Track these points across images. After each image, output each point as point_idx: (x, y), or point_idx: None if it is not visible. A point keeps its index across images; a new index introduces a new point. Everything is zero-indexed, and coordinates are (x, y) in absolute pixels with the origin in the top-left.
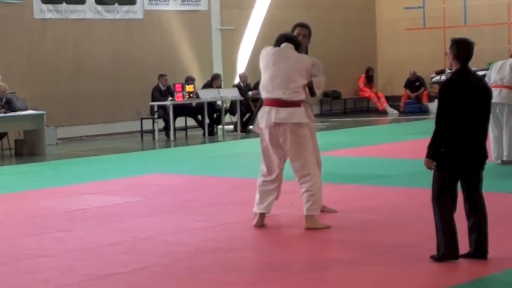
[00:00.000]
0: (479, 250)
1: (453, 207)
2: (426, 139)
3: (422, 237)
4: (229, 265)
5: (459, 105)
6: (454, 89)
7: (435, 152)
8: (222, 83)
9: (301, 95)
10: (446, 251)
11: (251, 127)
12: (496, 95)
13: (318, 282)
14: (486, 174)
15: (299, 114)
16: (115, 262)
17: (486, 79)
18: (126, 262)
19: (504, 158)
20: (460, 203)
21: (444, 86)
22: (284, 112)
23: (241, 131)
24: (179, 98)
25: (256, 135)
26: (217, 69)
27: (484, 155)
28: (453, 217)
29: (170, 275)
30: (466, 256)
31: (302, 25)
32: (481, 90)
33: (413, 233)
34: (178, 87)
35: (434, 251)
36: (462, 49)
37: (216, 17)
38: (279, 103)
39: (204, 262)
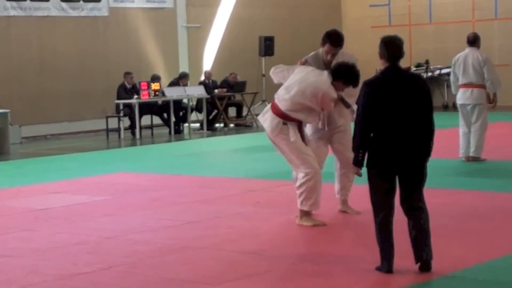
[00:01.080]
0: (421, 263)
1: (389, 215)
2: None
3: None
4: (195, 264)
5: (384, 104)
6: (378, 88)
7: (361, 157)
8: (189, 81)
9: (286, 105)
10: (381, 262)
11: (217, 125)
12: (468, 97)
13: (281, 280)
14: (449, 171)
15: (268, 120)
16: (80, 261)
17: (451, 76)
18: (91, 262)
19: (471, 154)
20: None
21: (366, 85)
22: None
23: (208, 129)
24: (144, 96)
25: (222, 133)
26: (183, 66)
27: (419, 153)
28: (388, 227)
29: (136, 275)
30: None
31: (335, 44)
32: (410, 88)
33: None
34: (143, 85)
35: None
36: (389, 48)
37: (182, 15)
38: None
39: (170, 261)
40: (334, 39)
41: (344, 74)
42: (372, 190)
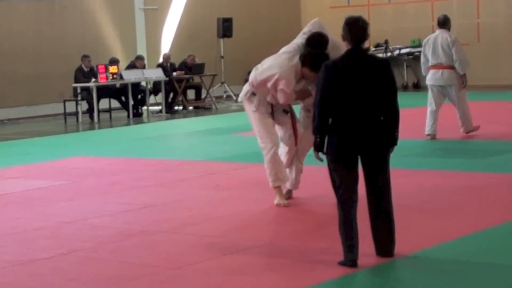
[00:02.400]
0: (383, 250)
1: (353, 202)
2: None
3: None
4: (154, 248)
5: (344, 87)
6: (338, 71)
7: (320, 141)
8: (146, 63)
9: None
10: (344, 255)
11: (176, 108)
12: (439, 78)
13: (240, 263)
14: (409, 151)
15: (244, 88)
16: (38, 247)
17: (422, 57)
18: (50, 247)
19: (462, 131)
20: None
21: (326, 67)
22: None
23: (166, 112)
24: (102, 80)
25: (180, 116)
26: (141, 49)
27: (382, 138)
28: (351, 217)
29: (95, 259)
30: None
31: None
32: (373, 72)
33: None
34: (101, 68)
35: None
36: (352, 30)
37: None
38: None
39: (129, 245)
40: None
41: (310, 60)
42: (332, 178)
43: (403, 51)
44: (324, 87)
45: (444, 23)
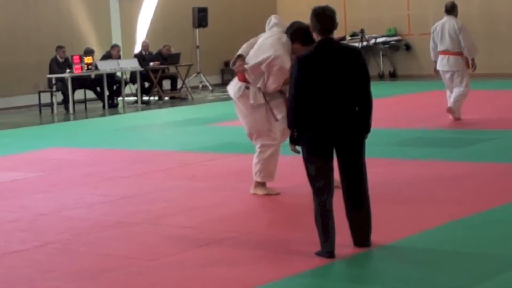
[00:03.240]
0: (359, 240)
1: (329, 194)
2: None
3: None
4: (130, 240)
5: (317, 79)
6: (310, 63)
7: (295, 135)
8: (122, 53)
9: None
10: (321, 246)
11: (152, 98)
12: (445, 64)
13: (217, 254)
14: (385, 140)
15: (232, 85)
16: (14, 239)
17: (431, 43)
18: (26, 239)
19: (449, 105)
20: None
21: (298, 60)
22: None
23: (142, 103)
24: (77, 70)
25: (156, 106)
26: (116, 39)
27: (356, 127)
28: (327, 207)
29: (71, 251)
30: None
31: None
32: (345, 61)
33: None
34: (76, 59)
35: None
36: (320, 20)
37: None
38: None
39: (106, 237)
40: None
41: (302, 35)
42: (308, 170)
43: (379, 40)
44: (298, 80)
45: (451, 9)
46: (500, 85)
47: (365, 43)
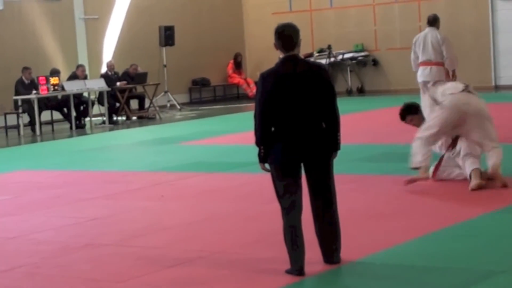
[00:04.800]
0: (329, 256)
1: (297, 212)
2: None
3: None
4: (98, 262)
5: (281, 96)
6: (274, 80)
7: (263, 153)
8: (88, 73)
9: None
10: (290, 264)
11: (119, 118)
12: (427, 74)
13: (187, 275)
14: (352, 156)
15: None
16: None
17: (412, 54)
18: None
19: None
20: None
21: (262, 77)
22: None
23: (110, 123)
24: (43, 91)
25: (124, 126)
26: (82, 59)
27: (323, 145)
28: (295, 225)
29: (39, 275)
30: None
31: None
32: (309, 78)
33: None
34: (42, 80)
35: (308, 236)
36: (281, 38)
37: (79, 6)
38: None
39: (73, 259)
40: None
41: None
42: (276, 187)
43: (347, 55)
44: (263, 97)
45: (433, 21)
46: None
47: (332, 59)
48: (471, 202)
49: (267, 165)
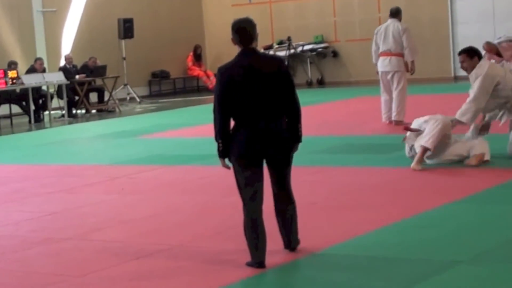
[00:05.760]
0: (288, 246)
1: (258, 204)
2: None
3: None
4: (58, 256)
5: (240, 90)
6: (232, 73)
7: (221, 147)
8: (47, 66)
9: None
10: (251, 256)
11: (79, 111)
12: (387, 64)
13: (147, 268)
14: (314, 148)
15: None
16: None
17: (373, 46)
18: None
19: (394, 118)
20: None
21: (220, 71)
22: None
23: (69, 116)
24: (1, 85)
25: (83, 120)
26: (41, 52)
27: (284, 137)
28: (256, 217)
29: None
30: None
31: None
32: (267, 71)
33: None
34: (0, 73)
35: (269, 228)
36: (238, 33)
37: None
38: None
39: (34, 254)
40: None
41: None
42: (238, 180)
43: (306, 47)
44: (221, 91)
45: (396, 13)
46: (424, 90)
47: (292, 50)
48: (433, 192)
49: (228, 163)
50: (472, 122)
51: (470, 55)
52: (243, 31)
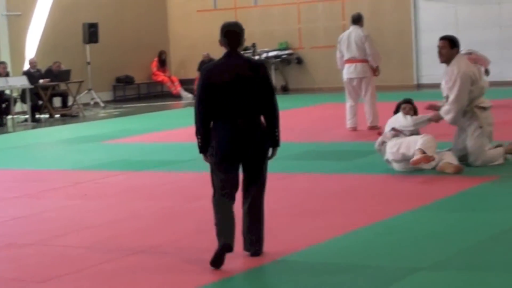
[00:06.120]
0: (254, 250)
1: (230, 204)
2: None
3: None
4: (21, 261)
5: (221, 90)
6: (214, 74)
7: (203, 144)
8: (11, 71)
9: None
10: (218, 240)
11: (42, 116)
12: (352, 71)
13: (110, 274)
14: (279, 154)
15: None
16: None
17: (337, 53)
18: None
19: (370, 124)
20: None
21: (203, 69)
22: None
23: (32, 121)
24: None
25: (47, 124)
26: (4, 56)
27: (260, 140)
28: (229, 214)
29: None
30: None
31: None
32: (248, 74)
33: (201, 219)
34: None
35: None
36: (227, 36)
37: (2, 3)
38: None
39: None
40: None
41: None
42: (213, 177)
43: (271, 54)
44: (202, 89)
45: (357, 20)
46: (387, 97)
47: (257, 57)
48: (395, 199)
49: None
50: (455, 122)
51: (451, 44)
52: (232, 34)
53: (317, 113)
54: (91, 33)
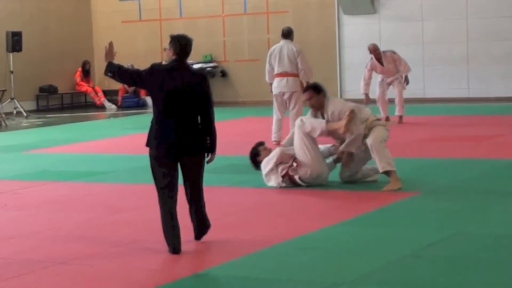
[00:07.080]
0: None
1: (172, 200)
2: (145, 134)
3: (143, 234)
4: None
5: (161, 91)
6: (159, 74)
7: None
8: None
9: None
10: (168, 246)
11: None
12: (284, 85)
13: (30, 285)
14: (210, 167)
15: None
16: None
17: (267, 66)
18: None
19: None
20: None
21: (152, 65)
22: None
23: None
24: None
25: None
26: None
27: (194, 146)
28: (172, 211)
29: None
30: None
31: None
32: (189, 82)
33: (136, 229)
34: None
35: (155, 247)
36: (176, 45)
37: None
38: None
39: None
40: None
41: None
42: (154, 174)
43: (195, 66)
44: (141, 73)
45: (288, 34)
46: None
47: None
48: (315, 214)
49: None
50: (359, 147)
51: (317, 90)
52: (183, 45)
53: (241, 127)
54: (15, 42)
